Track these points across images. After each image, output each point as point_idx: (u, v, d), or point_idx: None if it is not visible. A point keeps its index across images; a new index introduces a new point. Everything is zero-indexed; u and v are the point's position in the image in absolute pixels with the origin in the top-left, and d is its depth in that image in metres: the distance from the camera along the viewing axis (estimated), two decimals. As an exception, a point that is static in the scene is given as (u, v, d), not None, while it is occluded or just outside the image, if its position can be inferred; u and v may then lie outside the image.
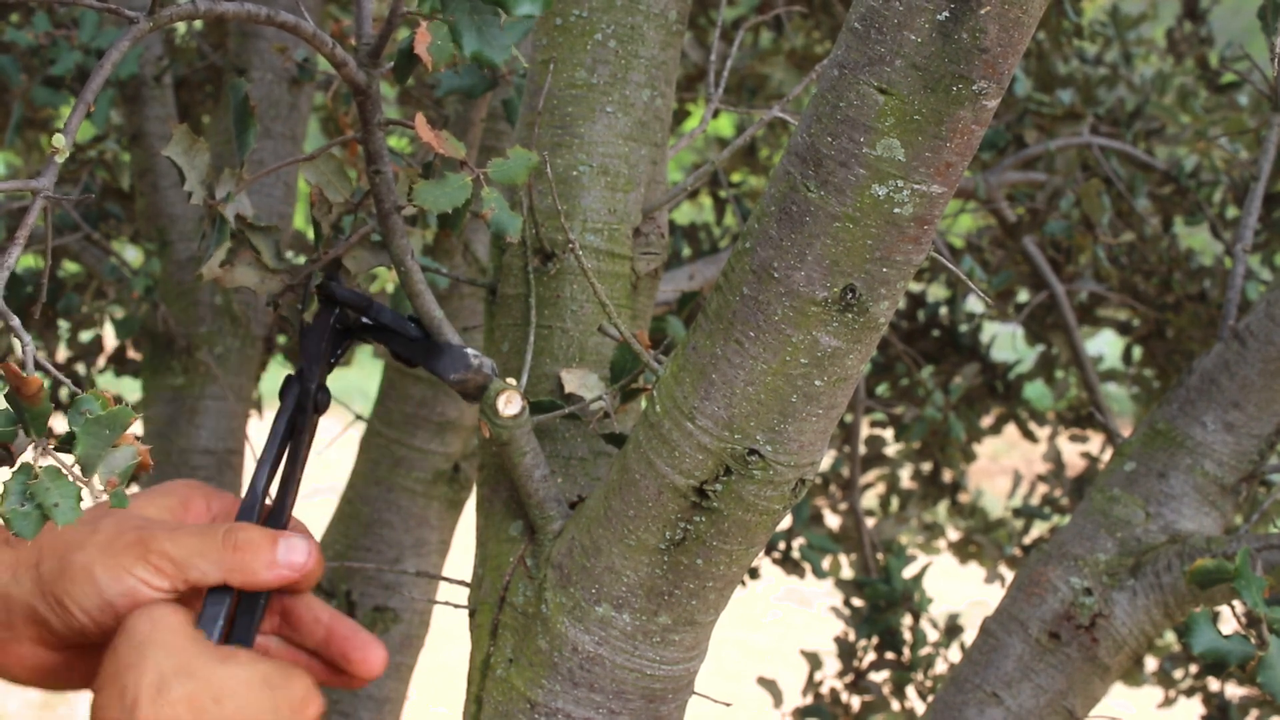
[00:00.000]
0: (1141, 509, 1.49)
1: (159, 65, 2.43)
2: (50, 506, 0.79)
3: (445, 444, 2.22)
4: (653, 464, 1.02)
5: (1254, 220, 1.64)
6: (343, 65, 0.99)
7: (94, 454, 0.80)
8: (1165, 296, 2.88)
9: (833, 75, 0.89)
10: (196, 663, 0.98)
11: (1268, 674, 1.26)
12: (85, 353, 2.87)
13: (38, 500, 0.79)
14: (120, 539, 1.02)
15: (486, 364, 1.12)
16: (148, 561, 1.02)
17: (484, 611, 1.17)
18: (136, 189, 2.48)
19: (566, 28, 1.21)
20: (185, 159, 1.08)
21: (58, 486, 0.79)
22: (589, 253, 1.21)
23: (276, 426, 1.14)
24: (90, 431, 0.80)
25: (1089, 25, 3.05)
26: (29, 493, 0.79)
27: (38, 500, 0.79)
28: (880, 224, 0.90)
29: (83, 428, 0.80)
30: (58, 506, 0.79)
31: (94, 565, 1.02)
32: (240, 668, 1.00)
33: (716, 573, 1.06)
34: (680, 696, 1.15)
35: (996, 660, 1.49)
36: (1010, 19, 0.84)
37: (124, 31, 0.87)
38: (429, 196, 1.05)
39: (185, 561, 1.03)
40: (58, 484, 0.79)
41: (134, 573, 1.02)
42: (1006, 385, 3.04)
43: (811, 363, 0.96)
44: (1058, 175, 2.66)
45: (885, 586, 2.43)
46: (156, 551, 1.02)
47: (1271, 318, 1.46)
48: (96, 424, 0.80)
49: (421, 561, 2.22)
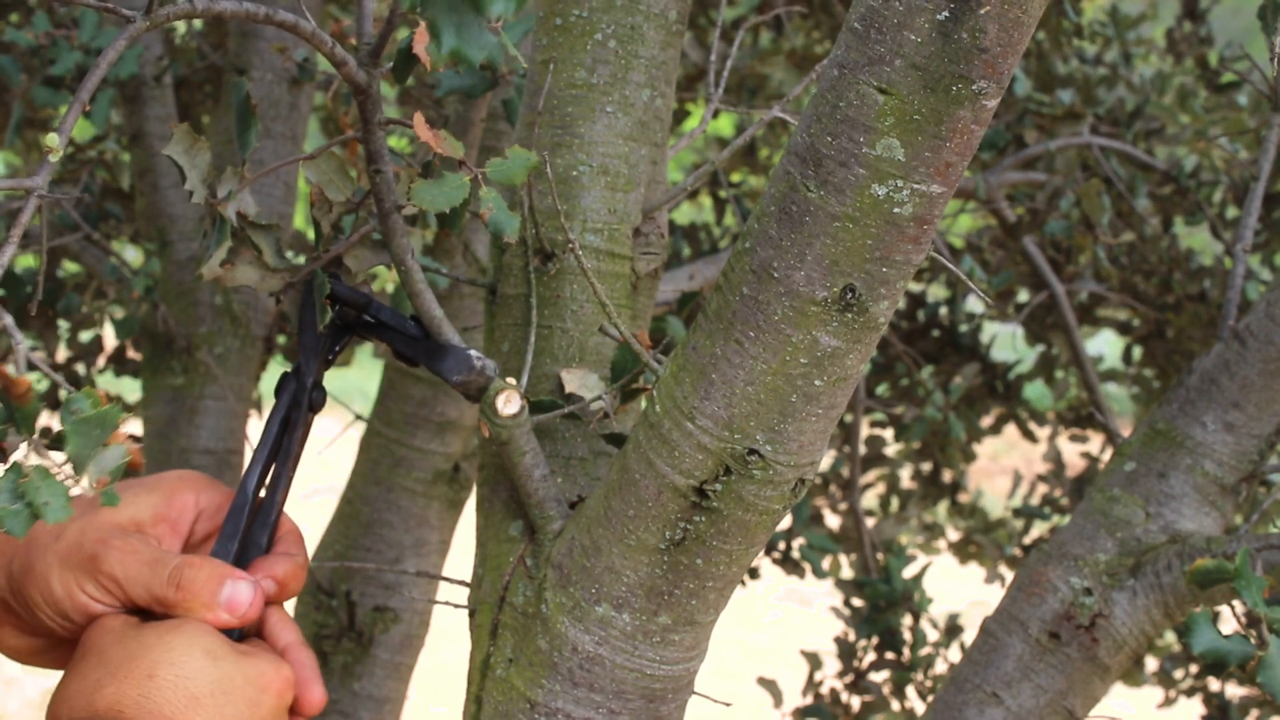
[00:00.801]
0: (1141, 509, 1.49)
1: (159, 65, 2.43)
2: (40, 505, 0.79)
3: (445, 444, 2.22)
4: (653, 464, 1.02)
5: (1254, 220, 1.64)
6: (343, 65, 0.99)
7: (84, 453, 0.81)
8: (1165, 296, 2.88)
9: (833, 75, 0.89)
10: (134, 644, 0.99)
11: (1268, 674, 1.26)
12: (85, 353, 2.87)
13: (28, 499, 0.79)
14: (77, 553, 1.03)
15: (489, 365, 1.12)
16: (97, 581, 1.03)
17: (484, 611, 1.17)
18: (136, 189, 2.48)
19: (566, 28, 1.21)
20: (186, 158, 1.08)
21: (47, 485, 0.80)
22: (589, 253, 1.21)
23: (271, 424, 1.14)
24: (80, 431, 0.80)
25: (1089, 25, 3.05)
26: (19, 491, 0.79)
27: (28, 499, 0.79)
28: (880, 224, 0.90)
29: (72, 427, 0.80)
30: (48, 505, 0.80)
31: (50, 575, 1.03)
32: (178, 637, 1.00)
33: (716, 573, 1.06)
34: (680, 696, 1.15)
35: (996, 660, 1.49)
36: (1010, 19, 0.84)
37: (121, 31, 0.87)
38: (427, 196, 1.05)
39: (129, 587, 1.03)
40: (47, 483, 0.80)
41: (84, 589, 1.03)
42: (1006, 385, 3.04)
43: (811, 363, 0.96)
44: (1058, 175, 2.66)
45: (885, 586, 2.43)
46: (105, 573, 1.03)
47: (1271, 318, 1.46)
48: (86, 423, 0.80)
49: (421, 561, 2.22)
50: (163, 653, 0.98)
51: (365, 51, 1.02)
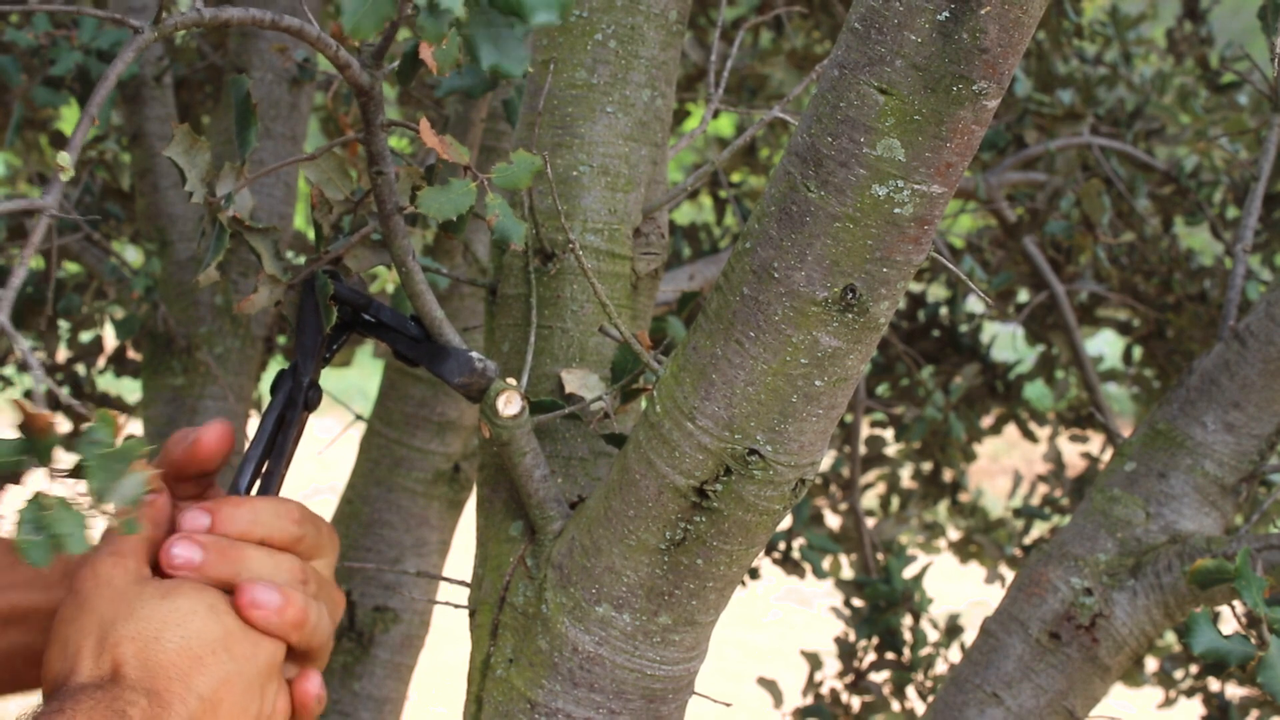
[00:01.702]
0: (1142, 509, 1.49)
1: (159, 65, 2.43)
2: (63, 536, 0.80)
3: (445, 444, 2.22)
4: (653, 464, 1.02)
5: (1254, 220, 1.64)
6: (346, 67, 0.99)
7: (106, 486, 0.82)
8: (1165, 296, 2.88)
9: (833, 75, 0.89)
10: (136, 604, 0.99)
11: (1268, 674, 1.26)
12: (85, 353, 2.87)
13: (50, 530, 0.80)
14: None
15: (490, 367, 1.12)
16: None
17: (484, 611, 1.17)
18: (136, 189, 2.48)
19: (567, 28, 1.22)
20: (186, 159, 1.08)
21: (69, 516, 0.80)
22: (589, 253, 1.21)
23: (265, 422, 1.14)
24: (103, 466, 0.81)
25: (1089, 25, 3.05)
26: (41, 522, 0.80)
27: (50, 530, 0.80)
28: (880, 224, 0.90)
29: (95, 462, 0.81)
30: (70, 536, 0.80)
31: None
32: (182, 599, 1.00)
33: (717, 573, 1.07)
34: (680, 696, 1.15)
35: (997, 660, 1.49)
36: (1010, 19, 0.84)
37: (129, 41, 0.87)
38: (433, 204, 1.05)
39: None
40: (68, 514, 0.81)
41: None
42: (1006, 385, 3.04)
43: (812, 363, 0.96)
44: (1058, 175, 2.66)
45: (885, 586, 2.43)
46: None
47: (1272, 318, 1.46)
48: (109, 459, 0.82)
49: (422, 561, 2.22)
50: (169, 613, 0.98)
51: (368, 54, 1.02)
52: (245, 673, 1.00)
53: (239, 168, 1.10)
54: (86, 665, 0.96)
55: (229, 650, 0.99)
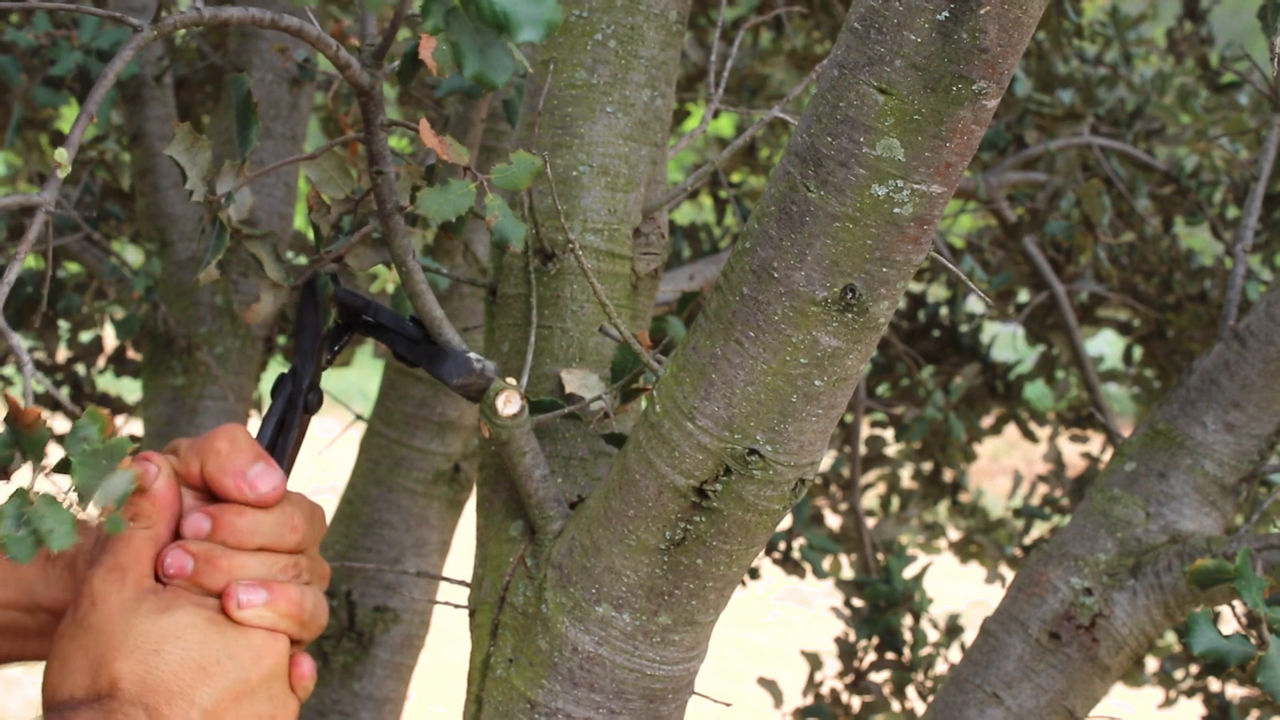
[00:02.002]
0: (1142, 509, 1.49)
1: (159, 65, 2.43)
2: (46, 532, 0.79)
3: (445, 444, 2.22)
4: (653, 464, 1.02)
5: (1254, 220, 1.64)
6: (347, 67, 0.99)
7: (91, 483, 0.81)
8: (1165, 296, 2.88)
9: (833, 75, 0.89)
10: (134, 619, 0.98)
11: (1268, 674, 1.26)
12: (85, 353, 2.87)
13: (33, 526, 0.79)
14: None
15: (489, 367, 1.12)
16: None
17: (484, 611, 1.17)
18: (136, 189, 2.48)
19: (567, 28, 1.21)
20: (187, 158, 1.08)
21: (53, 512, 0.79)
22: (589, 253, 1.21)
23: (266, 424, 1.14)
24: (88, 462, 0.80)
25: (1089, 25, 3.05)
26: (25, 518, 0.79)
27: (33, 526, 0.79)
28: (880, 224, 0.90)
29: (80, 459, 0.80)
30: (53, 532, 0.79)
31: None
32: (180, 613, 0.99)
33: (716, 573, 1.07)
34: (680, 696, 1.15)
35: (997, 660, 1.49)
36: (1010, 19, 0.84)
37: (128, 40, 0.87)
38: (433, 205, 1.05)
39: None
40: (53, 510, 0.79)
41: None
42: (1007, 385, 3.04)
43: (811, 363, 0.96)
44: (1058, 175, 2.66)
45: (885, 586, 2.43)
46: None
47: (1272, 318, 1.46)
48: (94, 455, 0.80)
49: (422, 561, 2.22)
50: (168, 626, 0.98)
51: (369, 53, 1.02)
52: (250, 680, 0.99)
53: (239, 166, 1.10)
54: (85, 682, 0.95)
55: (233, 659, 0.99)
